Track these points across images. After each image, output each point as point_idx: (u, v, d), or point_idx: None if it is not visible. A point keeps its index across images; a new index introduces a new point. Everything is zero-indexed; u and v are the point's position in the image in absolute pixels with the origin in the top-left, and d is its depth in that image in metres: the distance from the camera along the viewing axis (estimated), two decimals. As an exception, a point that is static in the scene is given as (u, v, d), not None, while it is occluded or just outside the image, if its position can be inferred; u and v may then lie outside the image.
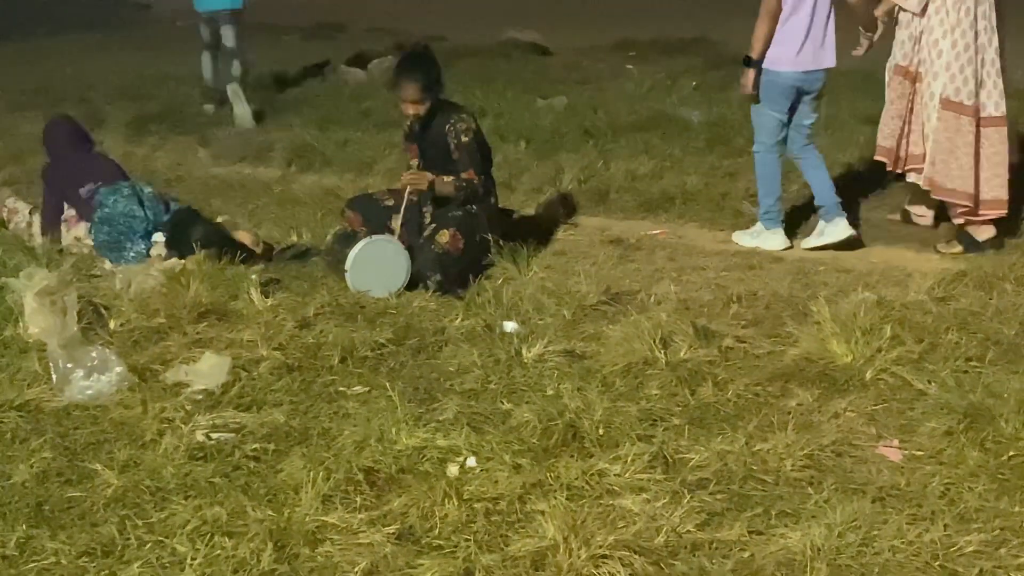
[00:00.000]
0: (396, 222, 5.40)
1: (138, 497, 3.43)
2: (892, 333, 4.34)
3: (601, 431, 3.73)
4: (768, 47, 5.68)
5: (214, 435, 3.82)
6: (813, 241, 5.90)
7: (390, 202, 5.53)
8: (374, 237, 5.29)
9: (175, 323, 4.72)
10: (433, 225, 5.40)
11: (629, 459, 3.52)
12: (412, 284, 5.24)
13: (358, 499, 3.38)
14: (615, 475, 3.45)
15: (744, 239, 6.01)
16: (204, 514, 3.28)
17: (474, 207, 5.44)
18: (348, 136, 8.51)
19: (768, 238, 5.93)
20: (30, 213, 6.05)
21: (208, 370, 4.26)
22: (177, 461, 3.62)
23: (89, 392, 4.14)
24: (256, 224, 6.27)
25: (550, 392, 4.06)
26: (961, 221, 5.77)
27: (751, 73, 5.73)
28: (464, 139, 5.42)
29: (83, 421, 3.98)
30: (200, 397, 4.12)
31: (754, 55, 5.70)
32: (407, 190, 5.39)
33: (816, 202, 5.92)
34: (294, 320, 4.72)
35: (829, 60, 5.77)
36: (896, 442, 3.70)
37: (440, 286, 5.19)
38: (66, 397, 4.12)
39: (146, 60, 12.03)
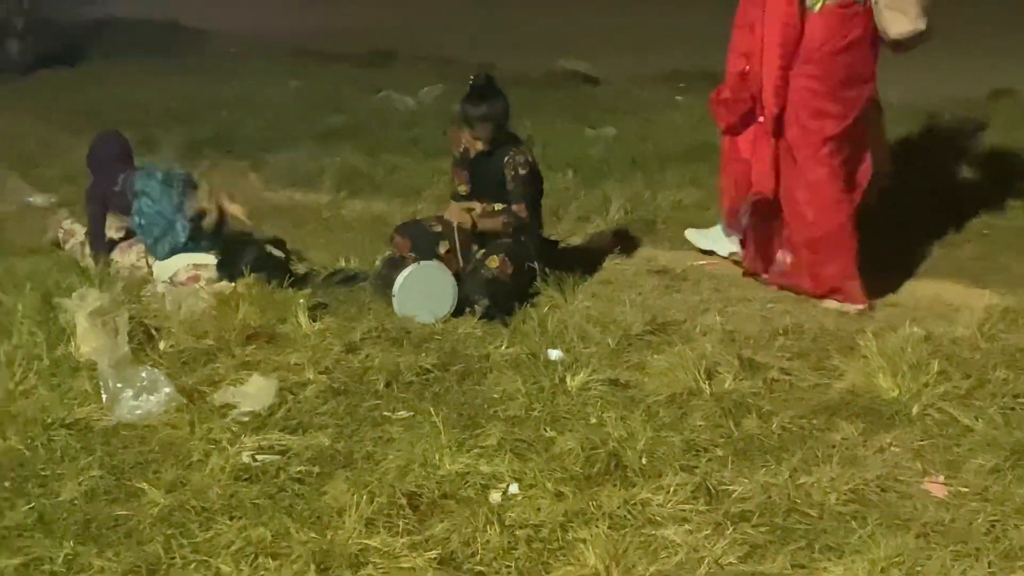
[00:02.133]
0: (444, 248, 5.45)
1: (184, 517, 3.47)
2: (939, 368, 4.31)
3: (644, 461, 3.73)
4: None
5: (260, 457, 3.86)
6: (697, 238, 6.15)
7: (438, 228, 5.57)
8: (422, 263, 5.33)
9: (224, 345, 4.78)
10: (483, 251, 5.43)
11: (672, 489, 3.52)
12: (458, 310, 5.27)
13: (401, 523, 3.40)
14: (657, 505, 3.46)
15: (699, 239, 6.14)
16: (248, 535, 3.32)
17: (523, 236, 5.47)
18: (397, 162, 8.57)
19: (726, 243, 6.02)
20: (85, 234, 6.14)
21: (255, 392, 4.31)
22: (223, 482, 3.66)
23: (138, 412, 4.19)
24: (305, 248, 6.32)
25: (593, 421, 4.07)
26: None
27: None
28: (522, 172, 5.47)
29: (131, 440, 4.04)
30: (247, 419, 4.16)
31: None
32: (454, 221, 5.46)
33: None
34: (341, 344, 4.77)
35: None
36: (942, 478, 3.68)
37: (488, 311, 5.22)
38: (115, 416, 4.18)
39: (200, 85, 12.18)
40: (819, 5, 5.32)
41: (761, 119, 5.54)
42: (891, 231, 6.14)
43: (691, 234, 6.26)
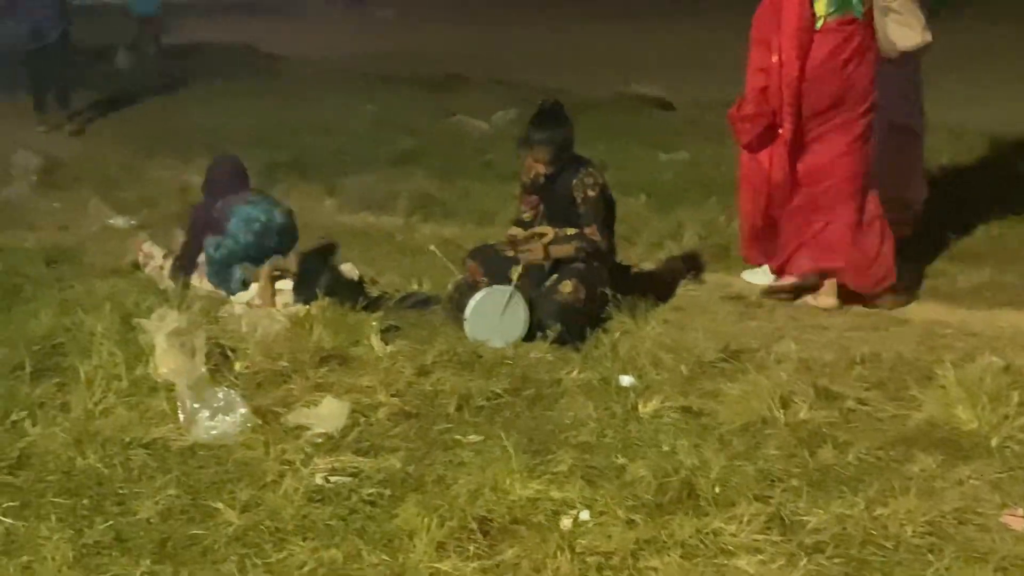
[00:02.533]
0: (516, 273, 5.46)
1: (258, 537, 3.50)
2: (1019, 400, 4.22)
3: (717, 489, 3.70)
4: None
5: (332, 478, 3.89)
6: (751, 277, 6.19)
7: (511, 253, 5.58)
8: (493, 287, 5.35)
9: (298, 367, 4.83)
10: (555, 276, 5.44)
11: (745, 519, 3.48)
12: (530, 335, 5.28)
13: (471, 548, 3.40)
14: (730, 535, 3.42)
15: (753, 277, 6.19)
16: (321, 556, 3.34)
17: (595, 262, 5.46)
18: (470, 186, 8.62)
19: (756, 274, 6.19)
20: (164, 258, 6.23)
21: (328, 414, 4.34)
22: (296, 503, 3.69)
23: (214, 432, 4.25)
24: (378, 272, 6.36)
25: (666, 448, 4.04)
26: None
27: None
28: (591, 194, 5.46)
29: (207, 460, 4.08)
30: (320, 440, 4.20)
31: None
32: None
33: None
34: (413, 367, 4.79)
35: None
36: (1021, 511, 3.60)
37: (560, 336, 5.21)
38: (192, 436, 4.24)
39: (276, 109, 12.34)
40: (820, 23, 5.58)
41: (780, 131, 5.71)
42: (968, 260, 6.05)
43: (746, 275, 6.26)
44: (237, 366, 4.87)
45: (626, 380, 4.74)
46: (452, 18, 22.83)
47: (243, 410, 4.33)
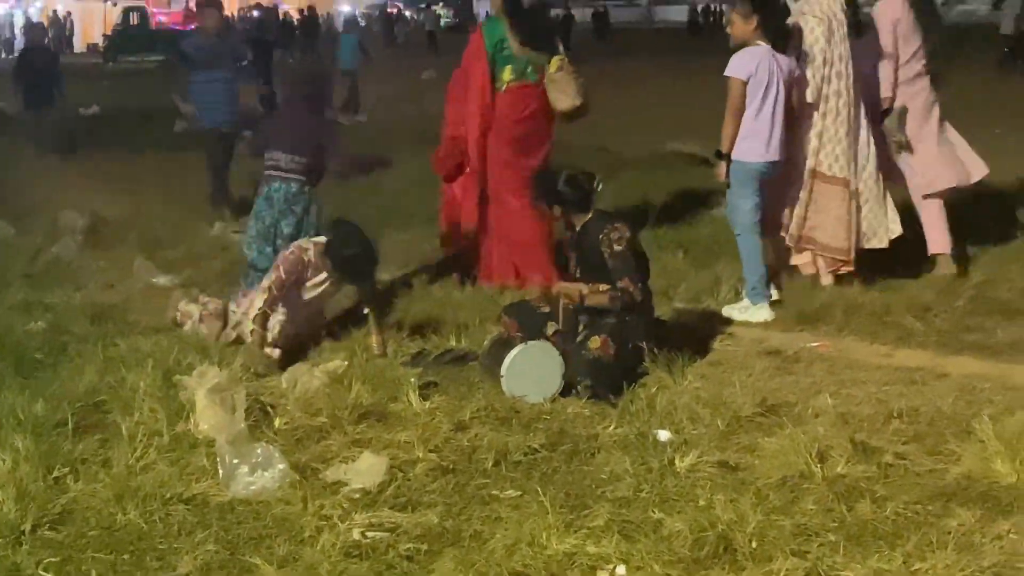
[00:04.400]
0: (551, 329, 5.49)
1: (295, 592, 3.53)
2: (1060, 454, 4.19)
3: (754, 544, 3.69)
4: (736, 141, 6.51)
5: (370, 534, 3.92)
6: (735, 313, 6.59)
7: (546, 309, 5.62)
8: (529, 343, 5.38)
9: (336, 423, 4.88)
10: (586, 331, 5.46)
11: (782, 574, 3.48)
12: (566, 390, 5.29)
13: (508, 602, 3.41)
14: (767, 589, 3.41)
15: (733, 313, 6.59)
16: (358, 610, 3.36)
17: (628, 316, 5.48)
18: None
19: (755, 312, 6.54)
20: (200, 319, 6.32)
21: (366, 470, 4.38)
22: (334, 558, 3.72)
23: (253, 488, 4.29)
24: (417, 328, 6.40)
25: (703, 503, 4.04)
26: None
27: (723, 164, 6.57)
28: (618, 248, 5.49)
29: (246, 516, 4.12)
30: (357, 496, 4.23)
31: (724, 149, 6.53)
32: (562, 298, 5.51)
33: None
34: (450, 423, 4.83)
35: (783, 152, 6.59)
36: (1062, 567, 3.57)
37: (591, 392, 5.22)
38: (231, 492, 4.28)
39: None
40: (504, 86, 7.10)
41: (468, 170, 7.25)
42: (1007, 314, 6.02)
43: (728, 310, 6.66)
44: (276, 422, 4.93)
45: (663, 435, 4.75)
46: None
47: (282, 466, 4.37)
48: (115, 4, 51.46)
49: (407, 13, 56.89)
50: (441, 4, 66.58)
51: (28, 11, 53.71)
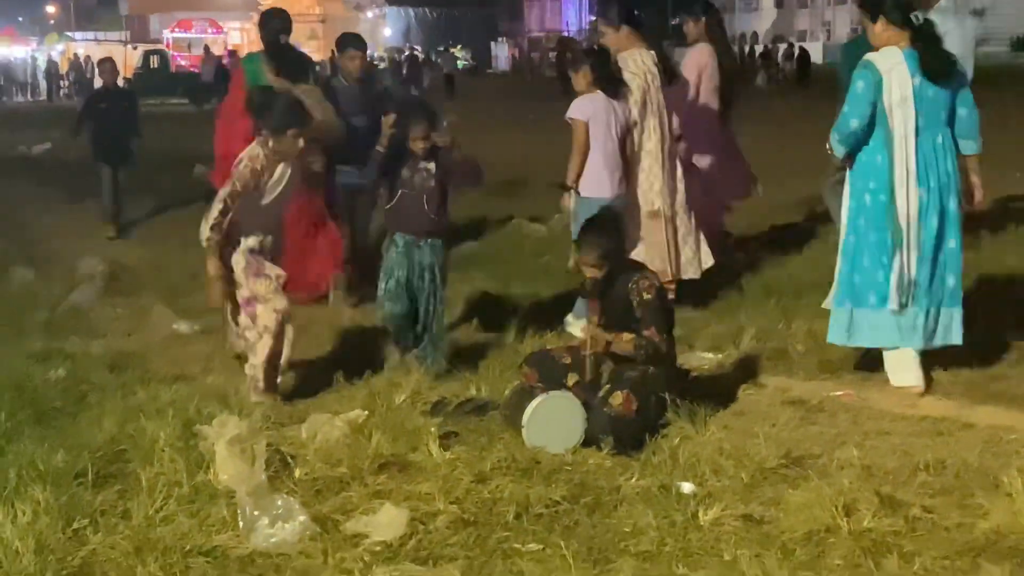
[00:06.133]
0: (572, 380, 5.46)
1: (316, 648, 3.49)
2: (1092, 508, 4.14)
3: (780, 601, 3.64)
4: (581, 176, 7.07)
5: (391, 588, 3.88)
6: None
7: (567, 359, 5.59)
8: (551, 393, 5.35)
9: (356, 473, 4.86)
10: (608, 386, 5.42)
11: (810, 632, 3.42)
12: (588, 441, 5.26)
13: (531, 660, 3.36)
14: (794, 649, 3.36)
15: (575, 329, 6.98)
16: (379, 669, 3.31)
17: (652, 368, 5.45)
18: (528, 291, 8.63)
19: (574, 326, 7.02)
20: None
21: (387, 522, 4.35)
22: (354, 613, 3.68)
23: (273, 540, 4.26)
24: (435, 376, 6.37)
25: (727, 558, 4.00)
26: None
27: (567, 196, 7.15)
28: (646, 297, 5.47)
29: (266, 569, 4.10)
30: (378, 549, 4.20)
31: (570, 183, 7.10)
32: (586, 348, 5.48)
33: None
34: (471, 474, 4.80)
35: (623, 188, 7.23)
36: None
37: (613, 448, 5.19)
38: (251, 544, 4.26)
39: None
40: None
41: None
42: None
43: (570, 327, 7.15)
44: (296, 472, 4.90)
45: (686, 487, 4.70)
46: (516, 126, 23.22)
47: (302, 518, 4.35)
48: (135, 47, 51.99)
49: (419, 54, 57.02)
50: (459, 47, 67.17)
51: (50, 54, 54.40)
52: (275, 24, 8.49)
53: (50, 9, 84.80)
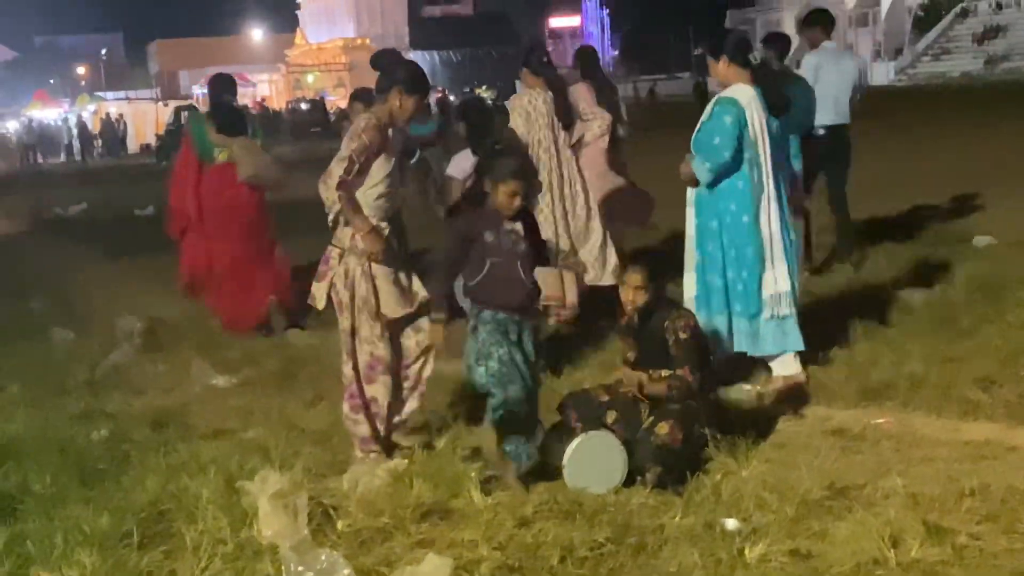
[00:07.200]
0: (611, 418, 5.46)
1: None
2: None
3: (830, 636, 3.60)
4: None
5: (438, 640, 3.87)
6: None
7: (605, 398, 5.59)
8: (590, 433, 5.35)
9: (399, 523, 4.86)
10: (652, 418, 5.41)
11: (862, 669, 3.39)
12: (631, 478, 5.24)
13: None
14: None
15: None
16: None
17: (691, 401, 5.43)
18: (561, 329, 8.60)
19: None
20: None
21: (431, 572, 4.34)
22: (402, 666, 3.67)
23: (319, 595, 4.26)
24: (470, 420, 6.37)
25: (775, 595, 3.96)
26: None
27: None
28: (683, 335, 5.47)
29: (313, 624, 4.09)
30: (424, 600, 4.18)
31: None
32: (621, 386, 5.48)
33: None
34: (513, 519, 4.79)
35: None
36: None
37: (660, 479, 5.16)
38: (297, 600, 4.25)
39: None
40: (214, 163, 9.00)
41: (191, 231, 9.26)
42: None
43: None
44: (339, 524, 4.91)
45: (731, 524, 4.68)
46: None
47: (346, 571, 4.35)
48: (166, 104, 52.57)
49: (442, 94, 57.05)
50: (485, 87, 67.42)
51: (81, 115, 55.10)
52: (218, 86, 9.66)
53: (80, 71, 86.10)
